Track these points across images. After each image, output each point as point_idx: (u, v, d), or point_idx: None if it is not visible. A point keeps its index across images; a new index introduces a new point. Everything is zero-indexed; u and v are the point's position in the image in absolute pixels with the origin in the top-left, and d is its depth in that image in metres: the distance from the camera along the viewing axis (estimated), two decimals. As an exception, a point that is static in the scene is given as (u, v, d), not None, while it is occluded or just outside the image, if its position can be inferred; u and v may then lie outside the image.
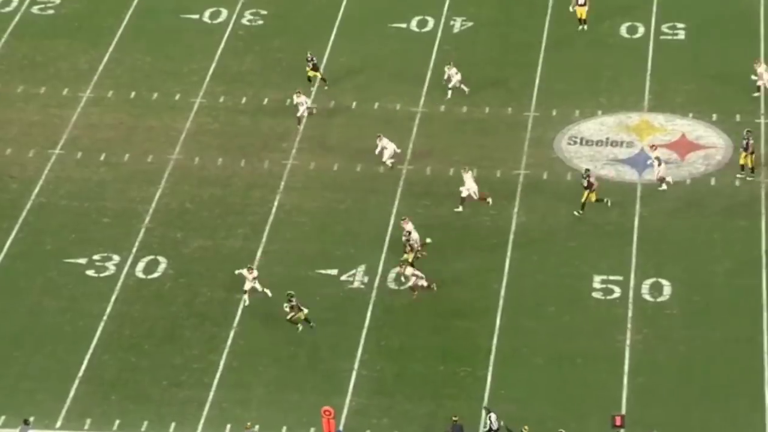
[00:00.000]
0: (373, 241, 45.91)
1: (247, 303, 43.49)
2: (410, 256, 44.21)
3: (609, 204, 46.50)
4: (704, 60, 53.64)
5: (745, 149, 47.61)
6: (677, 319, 42.86)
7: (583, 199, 46.29)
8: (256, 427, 39.80)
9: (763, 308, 43.16)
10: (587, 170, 46.74)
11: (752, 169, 47.73)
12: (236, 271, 43.92)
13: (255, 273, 43.56)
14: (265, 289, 43.53)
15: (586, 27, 54.63)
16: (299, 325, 42.66)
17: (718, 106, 51.13)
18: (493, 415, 39.01)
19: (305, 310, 42.46)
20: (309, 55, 52.47)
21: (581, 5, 54.59)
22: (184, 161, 49.64)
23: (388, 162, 48.75)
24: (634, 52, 53.93)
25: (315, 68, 52.40)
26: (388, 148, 48.64)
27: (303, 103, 50.44)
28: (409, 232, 44.74)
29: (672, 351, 41.88)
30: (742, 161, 47.67)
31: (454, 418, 39.03)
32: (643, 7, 56.27)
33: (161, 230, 46.77)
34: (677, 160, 49.10)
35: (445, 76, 51.89)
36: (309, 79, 52.30)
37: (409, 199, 47.62)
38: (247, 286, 43.45)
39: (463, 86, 51.56)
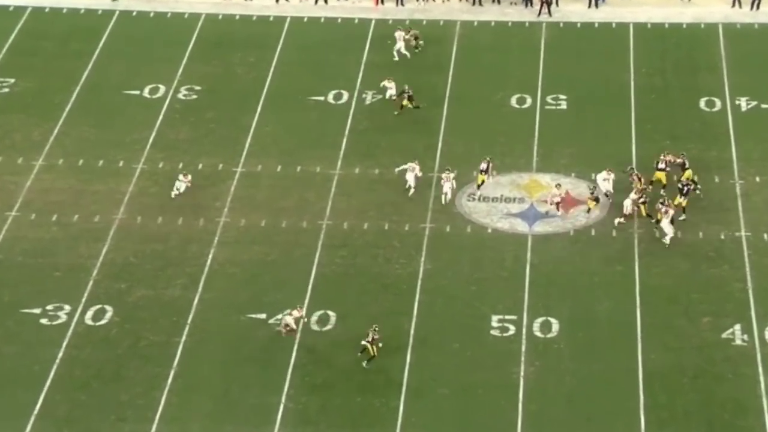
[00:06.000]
0: (298, 288, 45.84)
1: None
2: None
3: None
4: (583, 127, 53.80)
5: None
6: (564, 352, 43.06)
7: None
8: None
9: (638, 342, 43.30)
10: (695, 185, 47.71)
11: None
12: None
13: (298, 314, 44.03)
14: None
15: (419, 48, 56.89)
16: (364, 356, 42.02)
17: (597, 167, 51.17)
18: None
19: (375, 349, 42.06)
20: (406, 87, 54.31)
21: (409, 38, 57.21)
22: (128, 220, 49.42)
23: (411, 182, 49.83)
24: (523, 120, 54.18)
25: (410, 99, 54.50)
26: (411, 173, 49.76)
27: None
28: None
29: (560, 381, 42.13)
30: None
31: None
32: (530, 82, 56.28)
33: (108, 282, 46.59)
34: (562, 214, 49.33)
35: (382, 85, 54.41)
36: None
37: (329, 250, 47.58)
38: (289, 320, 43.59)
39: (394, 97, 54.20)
